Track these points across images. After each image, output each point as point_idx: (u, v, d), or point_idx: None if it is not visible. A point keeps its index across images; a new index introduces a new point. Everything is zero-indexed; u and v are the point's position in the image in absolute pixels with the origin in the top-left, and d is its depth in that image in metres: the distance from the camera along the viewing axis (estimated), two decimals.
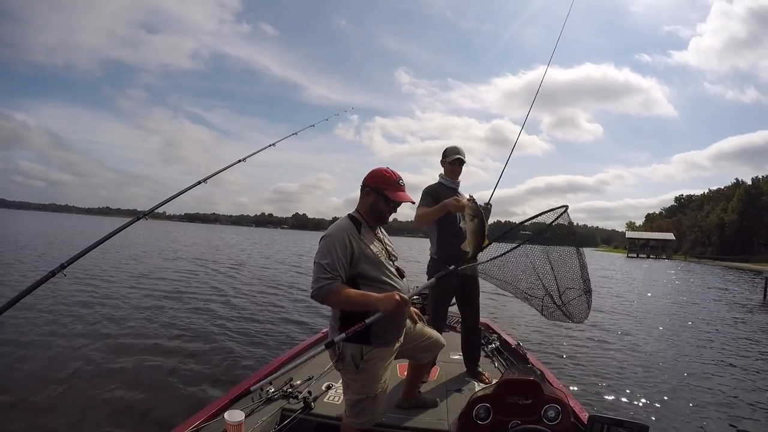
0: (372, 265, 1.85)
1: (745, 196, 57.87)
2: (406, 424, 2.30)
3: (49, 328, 5.63)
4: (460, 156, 2.98)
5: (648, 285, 18.22)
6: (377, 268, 1.87)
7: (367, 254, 1.85)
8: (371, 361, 1.88)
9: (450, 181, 2.99)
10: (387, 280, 1.89)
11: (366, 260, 1.84)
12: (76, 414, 3.44)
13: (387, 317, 1.79)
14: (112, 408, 3.56)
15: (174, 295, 8.73)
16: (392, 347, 1.99)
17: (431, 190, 2.94)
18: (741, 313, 11.07)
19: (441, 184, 3.00)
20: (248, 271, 14.60)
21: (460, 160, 2.98)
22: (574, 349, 6.16)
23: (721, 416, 4.01)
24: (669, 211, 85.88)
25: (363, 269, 1.83)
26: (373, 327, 1.82)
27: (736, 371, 5.51)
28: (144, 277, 11.01)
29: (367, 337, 1.84)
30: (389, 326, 1.90)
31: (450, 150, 3.02)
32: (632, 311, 10.15)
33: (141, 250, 19.12)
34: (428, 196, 2.88)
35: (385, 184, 1.93)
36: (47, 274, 1.72)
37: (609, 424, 1.67)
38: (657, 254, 61.37)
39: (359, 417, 1.91)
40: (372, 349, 1.87)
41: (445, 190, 2.91)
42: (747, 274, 30.84)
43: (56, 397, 3.69)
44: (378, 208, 1.96)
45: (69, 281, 9.26)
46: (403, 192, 1.96)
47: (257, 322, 6.90)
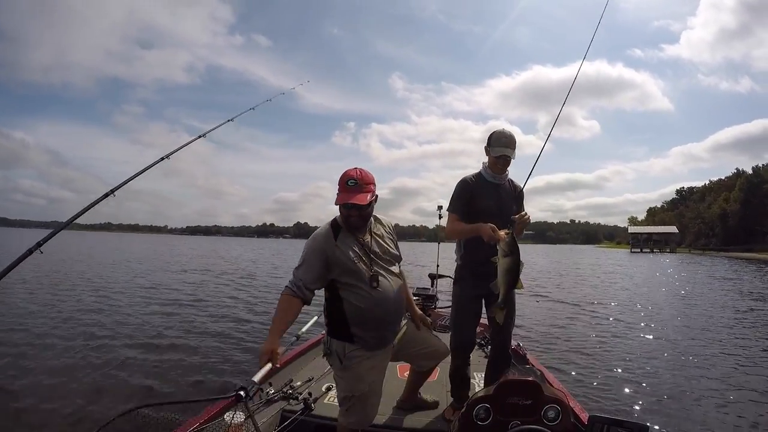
0: (345, 272, 1.87)
1: (747, 186, 57.84)
2: (405, 425, 2.31)
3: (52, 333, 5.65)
4: (503, 150, 2.32)
5: (650, 281, 18.13)
6: (350, 275, 1.87)
7: (340, 261, 1.86)
8: (355, 359, 1.91)
9: (491, 174, 2.41)
10: (361, 286, 1.88)
11: (339, 266, 1.87)
12: (76, 414, 3.45)
13: (366, 326, 1.88)
14: (112, 408, 3.55)
15: (174, 302, 8.75)
16: (377, 352, 1.97)
17: (465, 187, 2.41)
18: (746, 307, 11.00)
19: (481, 176, 2.44)
20: (250, 277, 14.59)
21: (505, 158, 2.35)
22: (573, 350, 6.12)
23: (723, 416, 3.96)
24: (671, 204, 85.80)
25: (337, 275, 1.88)
26: (352, 329, 1.89)
27: (739, 370, 5.43)
28: (145, 282, 11.02)
29: (350, 336, 1.91)
30: (368, 332, 1.92)
31: (495, 138, 2.35)
32: (633, 310, 10.09)
33: (142, 263, 19.15)
34: (461, 198, 2.39)
35: (338, 188, 1.88)
36: (25, 252, 1.76)
37: (609, 424, 1.65)
38: (660, 248, 61.22)
39: (348, 416, 1.95)
40: (354, 349, 1.92)
41: (483, 186, 2.40)
42: (754, 264, 30.58)
43: (56, 397, 3.72)
44: (341, 214, 1.92)
45: (79, 291, 9.28)
46: (345, 194, 1.84)
47: (257, 323, 6.93)
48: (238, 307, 8.85)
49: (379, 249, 1.98)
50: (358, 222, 1.92)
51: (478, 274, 2.33)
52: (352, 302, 1.88)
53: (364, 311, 1.88)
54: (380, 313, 1.91)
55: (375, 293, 1.89)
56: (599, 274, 21.18)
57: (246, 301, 9.71)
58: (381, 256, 1.97)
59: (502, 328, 2.40)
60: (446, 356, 2.30)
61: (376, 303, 1.89)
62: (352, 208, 1.86)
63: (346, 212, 1.89)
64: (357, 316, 1.89)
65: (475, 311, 2.42)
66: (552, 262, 31.26)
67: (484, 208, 2.34)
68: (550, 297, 11.69)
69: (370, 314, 1.89)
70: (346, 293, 1.89)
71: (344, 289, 1.89)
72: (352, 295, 1.88)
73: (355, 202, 1.84)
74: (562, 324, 8.04)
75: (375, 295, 1.88)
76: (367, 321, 1.90)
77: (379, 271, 1.93)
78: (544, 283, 15.52)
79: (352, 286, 1.88)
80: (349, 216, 1.89)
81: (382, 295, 1.90)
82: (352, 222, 1.91)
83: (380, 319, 1.93)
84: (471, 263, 2.40)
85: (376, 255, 1.95)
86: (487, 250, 2.12)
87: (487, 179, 2.41)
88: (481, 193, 2.37)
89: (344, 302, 1.90)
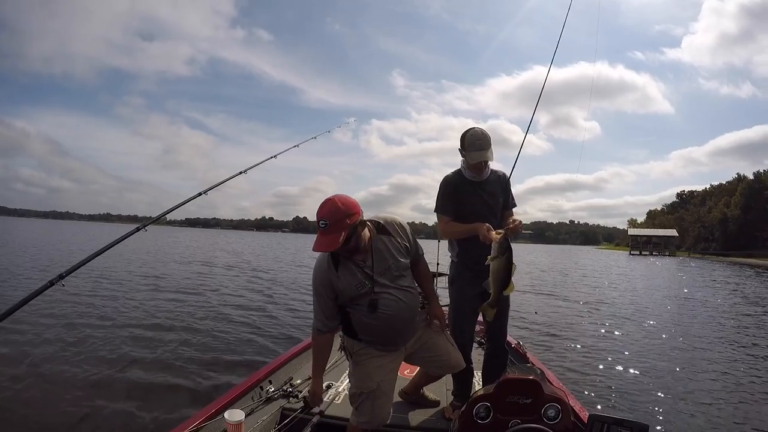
0: (349, 299, 1.91)
1: (748, 191, 57.71)
2: (406, 423, 2.30)
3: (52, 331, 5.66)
4: (481, 154, 2.25)
5: (651, 283, 18.15)
6: (355, 300, 1.91)
7: (343, 289, 1.89)
8: (363, 356, 1.97)
9: (471, 174, 2.36)
10: (369, 309, 1.90)
11: (343, 295, 1.91)
12: (75, 415, 3.43)
13: (374, 337, 1.95)
14: (112, 409, 3.55)
15: (173, 297, 8.73)
16: (387, 352, 2.00)
17: (448, 186, 2.38)
18: (748, 311, 11.00)
19: (461, 175, 2.38)
20: (245, 273, 14.61)
21: (480, 165, 2.29)
22: (574, 348, 6.13)
23: (723, 416, 3.97)
24: (670, 207, 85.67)
25: (344, 302, 1.93)
26: (360, 336, 1.97)
27: (740, 371, 5.45)
28: (146, 277, 11.03)
29: (356, 334, 1.98)
30: (377, 341, 1.97)
31: (470, 142, 2.27)
32: (634, 310, 10.09)
33: (145, 255, 19.16)
34: (447, 198, 2.37)
35: None
36: (46, 283, 1.73)
37: (609, 423, 1.65)
38: (660, 251, 61.18)
39: (358, 415, 1.97)
40: (362, 347, 1.97)
41: (466, 184, 2.36)
42: (755, 270, 30.20)
43: (54, 397, 3.70)
44: None
45: (76, 285, 9.29)
46: (318, 237, 1.75)
47: (256, 323, 6.89)
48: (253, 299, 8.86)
49: (383, 265, 1.91)
50: (349, 254, 1.85)
51: (474, 271, 2.31)
52: (360, 319, 1.93)
53: (372, 327, 1.93)
54: (387, 329, 1.94)
55: (378, 316, 1.90)
56: (599, 275, 21.20)
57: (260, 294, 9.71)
58: (385, 272, 1.91)
59: (496, 326, 2.42)
60: (458, 369, 2.26)
61: (382, 323, 1.91)
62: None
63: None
64: (364, 329, 1.95)
65: (473, 309, 2.37)
66: (552, 262, 31.27)
67: (469, 208, 2.32)
68: (550, 296, 11.69)
69: (377, 330, 1.93)
70: (352, 311, 1.94)
71: (350, 308, 1.94)
72: (358, 314, 1.93)
73: (323, 250, 1.78)
74: (562, 322, 8.05)
75: (380, 315, 1.90)
76: (374, 334, 1.95)
77: (383, 290, 1.90)
78: (544, 282, 15.54)
79: (357, 308, 1.92)
80: (341, 252, 1.82)
81: (386, 315, 1.90)
82: (344, 255, 1.86)
83: (387, 335, 1.96)
84: (467, 261, 2.39)
85: (380, 273, 1.90)
86: (483, 247, 2.10)
87: (468, 178, 2.37)
88: (465, 192, 2.33)
89: (352, 317, 1.95)
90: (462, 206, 2.34)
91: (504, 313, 2.43)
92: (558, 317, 8.66)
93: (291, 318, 7.38)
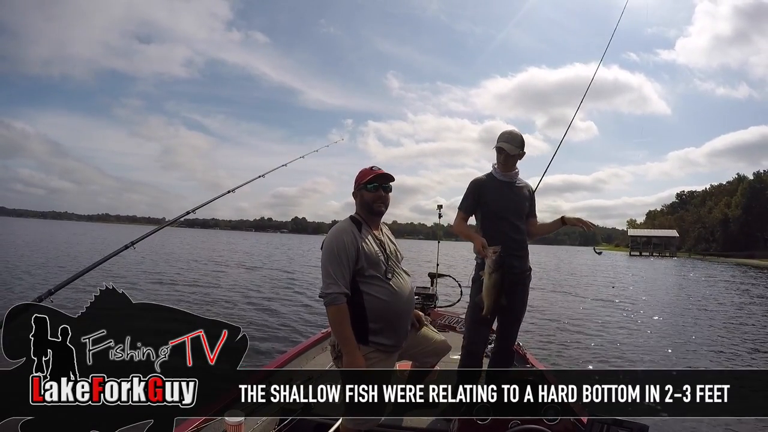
0: (371, 264, 1.90)
1: (749, 191, 57.68)
2: (405, 423, 2.30)
3: None
4: (501, 144, 2.37)
5: (651, 284, 18.13)
6: (375, 267, 1.91)
7: (367, 252, 1.90)
8: (368, 363, 1.89)
9: (501, 173, 2.44)
10: (382, 278, 1.92)
11: (366, 258, 1.90)
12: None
13: (385, 321, 1.90)
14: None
15: (174, 297, 8.72)
16: (385, 354, 1.96)
17: (475, 186, 2.47)
18: (750, 312, 11.00)
19: (491, 175, 2.48)
20: (251, 274, 14.61)
21: (499, 149, 2.38)
22: (574, 349, 6.12)
23: (723, 416, 3.95)
24: (670, 208, 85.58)
25: (362, 267, 1.89)
26: (370, 325, 1.89)
27: (741, 371, 5.43)
28: (146, 275, 11.04)
29: (365, 336, 1.89)
30: (386, 329, 1.92)
31: (500, 135, 2.45)
32: (634, 311, 10.09)
33: (146, 255, 19.16)
34: (469, 197, 2.46)
35: (362, 178, 2.00)
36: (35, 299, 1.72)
37: (609, 423, 1.65)
38: (660, 252, 61.10)
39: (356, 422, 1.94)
40: (369, 351, 1.89)
41: (495, 184, 2.44)
42: (762, 271, 29.89)
43: None
44: (365, 201, 2.00)
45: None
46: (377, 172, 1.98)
47: (256, 323, 6.88)
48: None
49: (392, 247, 2.05)
50: (385, 204, 2.00)
51: None
52: (374, 295, 1.90)
53: (385, 304, 1.90)
54: (399, 305, 1.94)
55: (393, 285, 1.93)
56: (600, 275, 21.18)
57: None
58: (392, 255, 2.02)
59: (509, 329, 2.49)
60: (448, 352, 2.31)
61: (395, 296, 1.92)
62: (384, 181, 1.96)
63: (373, 194, 1.96)
64: (377, 309, 1.90)
65: (492, 316, 2.38)
66: (552, 263, 31.25)
67: (496, 207, 2.41)
68: (550, 296, 11.70)
69: (390, 307, 1.91)
70: (367, 286, 1.90)
71: (365, 282, 1.91)
72: (374, 287, 1.91)
73: (386, 173, 1.96)
74: (562, 323, 8.05)
75: (393, 288, 1.93)
76: (386, 315, 1.91)
77: (393, 267, 1.99)
78: (544, 282, 15.53)
79: (374, 278, 1.91)
80: (376, 198, 1.96)
81: (398, 288, 1.95)
82: (376, 207, 1.97)
83: (398, 313, 1.95)
84: None
85: (390, 252, 2.02)
86: (506, 249, 2.17)
87: (498, 178, 2.45)
88: (492, 192, 2.42)
89: (365, 296, 1.90)
90: (488, 202, 2.43)
91: (518, 317, 2.49)
92: (558, 318, 8.66)
93: (291, 318, 7.38)
